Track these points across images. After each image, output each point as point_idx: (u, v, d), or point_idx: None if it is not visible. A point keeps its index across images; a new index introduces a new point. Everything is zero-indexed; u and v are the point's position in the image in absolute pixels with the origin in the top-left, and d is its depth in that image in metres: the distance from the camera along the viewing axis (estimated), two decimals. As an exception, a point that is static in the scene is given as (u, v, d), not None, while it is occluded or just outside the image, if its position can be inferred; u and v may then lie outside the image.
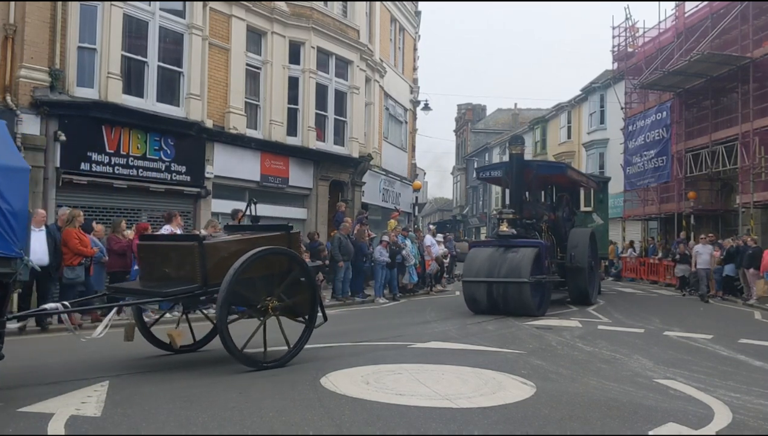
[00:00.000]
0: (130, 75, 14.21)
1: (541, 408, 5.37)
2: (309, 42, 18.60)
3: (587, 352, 8.61)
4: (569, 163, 34.16)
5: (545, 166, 16.75)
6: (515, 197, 13.97)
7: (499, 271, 12.56)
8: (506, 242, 13.26)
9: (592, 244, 15.87)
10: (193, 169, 15.39)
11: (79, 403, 5.26)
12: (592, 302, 15.24)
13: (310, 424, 4.79)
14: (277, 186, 18.04)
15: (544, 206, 15.79)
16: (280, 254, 7.15)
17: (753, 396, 6.06)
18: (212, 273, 6.66)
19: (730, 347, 9.27)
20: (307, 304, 7.51)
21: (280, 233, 7.54)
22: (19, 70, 12.38)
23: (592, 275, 15.86)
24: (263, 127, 17.80)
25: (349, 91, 20.38)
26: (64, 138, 12.73)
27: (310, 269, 7.52)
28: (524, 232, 13.53)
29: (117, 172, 13.72)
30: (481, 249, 13.73)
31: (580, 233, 15.71)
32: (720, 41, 22.15)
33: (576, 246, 15.01)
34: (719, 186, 24.53)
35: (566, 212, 16.51)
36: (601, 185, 20.03)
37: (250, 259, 6.61)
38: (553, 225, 15.47)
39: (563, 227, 15.93)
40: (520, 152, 14.35)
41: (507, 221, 13.46)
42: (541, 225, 14.45)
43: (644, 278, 25.37)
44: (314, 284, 7.56)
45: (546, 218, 14.93)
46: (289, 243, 7.46)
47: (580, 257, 14.82)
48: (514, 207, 13.79)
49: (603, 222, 19.58)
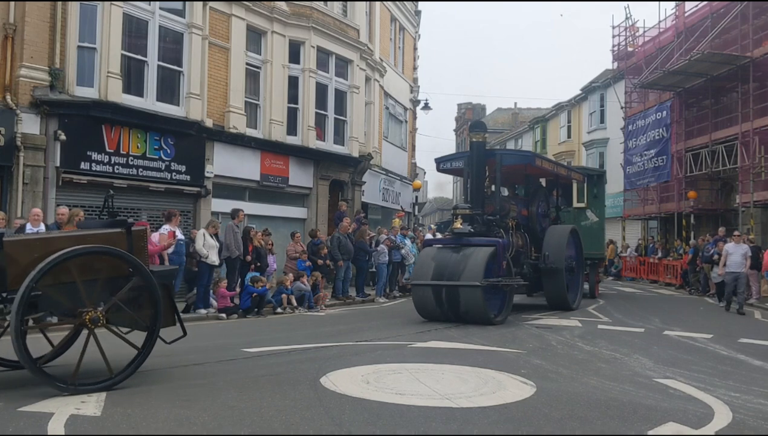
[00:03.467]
0: (130, 74, 14.21)
1: (541, 408, 5.37)
2: (309, 41, 18.59)
3: (587, 351, 8.61)
4: (569, 162, 34.20)
5: (510, 156, 14.56)
6: (475, 190, 12.35)
7: (450, 273, 11.15)
8: (461, 240, 11.87)
9: (574, 242, 14.61)
10: (192, 168, 15.39)
11: (79, 402, 5.26)
12: (573, 307, 13.75)
13: (309, 423, 4.79)
14: (277, 185, 18.04)
15: (515, 200, 14.24)
16: (106, 254, 5.86)
17: (753, 395, 6.06)
18: (18, 276, 5.50)
19: (730, 346, 9.28)
20: (157, 316, 6.14)
21: (116, 231, 6.14)
22: (19, 70, 12.38)
23: (574, 278, 14.50)
24: (263, 127, 17.80)
25: (349, 91, 20.38)
26: (64, 137, 12.73)
27: (149, 274, 6.05)
28: (486, 229, 12.02)
29: (117, 171, 13.72)
30: (434, 249, 12.30)
31: (557, 231, 14.21)
32: (720, 41, 22.16)
33: (551, 245, 13.60)
34: (719, 186, 24.55)
35: (542, 208, 14.73)
36: (594, 178, 18.56)
37: (54, 261, 5.49)
38: (526, 222, 14.08)
39: (539, 224, 14.38)
40: (482, 140, 12.66)
41: (462, 217, 12.03)
42: (507, 221, 12.90)
43: (644, 277, 25.41)
44: (155, 292, 6.08)
45: (514, 213, 13.38)
46: (129, 243, 6.09)
47: (556, 257, 13.39)
48: (474, 201, 12.24)
49: (598, 219, 18.15)
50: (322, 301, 14.30)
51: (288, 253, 14.98)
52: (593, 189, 18.06)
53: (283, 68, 18.12)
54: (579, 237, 14.96)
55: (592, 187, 17.97)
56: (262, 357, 7.73)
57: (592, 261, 17.45)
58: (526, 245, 13.59)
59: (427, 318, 11.46)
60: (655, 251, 25.47)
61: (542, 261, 13.46)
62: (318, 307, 13.97)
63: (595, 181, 18.49)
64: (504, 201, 13.36)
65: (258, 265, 13.52)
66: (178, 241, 11.94)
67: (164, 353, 7.80)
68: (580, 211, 17.70)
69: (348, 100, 20.37)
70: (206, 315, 12.30)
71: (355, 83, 20.49)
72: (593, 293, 17.55)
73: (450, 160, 14.41)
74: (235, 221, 13.36)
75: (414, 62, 30.34)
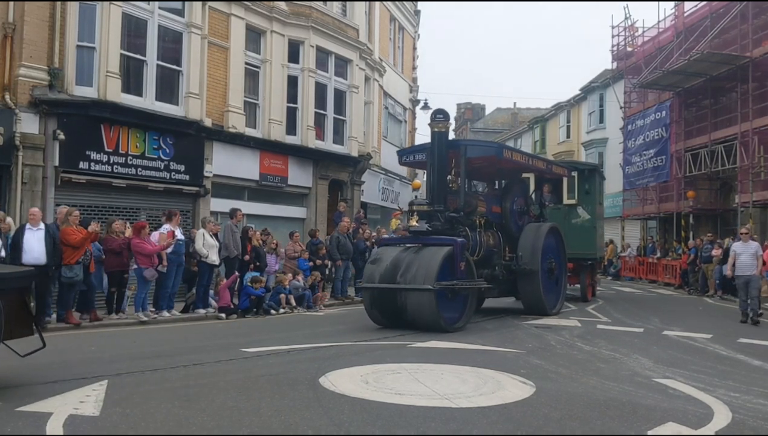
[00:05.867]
0: (129, 74, 14.18)
1: (540, 408, 5.36)
2: (308, 41, 18.58)
3: (586, 351, 8.61)
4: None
5: (475, 147, 12.82)
6: (437, 185, 11.39)
7: (403, 275, 10.18)
8: (417, 239, 10.96)
9: (555, 242, 13.59)
10: (192, 168, 15.36)
11: (78, 402, 5.25)
12: (550, 312, 12.63)
13: (308, 423, 4.78)
14: (276, 185, 18.03)
15: (484, 196, 13.16)
16: None
17: (752, 396, 6.05)
18: None
19: (730, 346, 9.27)
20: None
21: None
22: (18, 69, 12.35)
23: (553, 281, 13.31)
24: (262, 126, 17.78)
25: (349, 90, 20.37)
26: (62, 137, 12.71)
27: None
28: (449, 227, 11.08)
29: (116, 171, 13.70)
30: (388, 249, 11.25)
31: (534, 230, 13.11)
32: (719, 41, 22.16)
33: (526, 245, 12.64)
34: (718, 185, 24.56)
35: (519, 204, 13.55)
36: (585, 173, 17.12)
37: None
38: (499, 219, 13.02)
39: (513, 222, 13.26)
40: (444, 130, 11.63)
41: (419, 214, 11.00)
42: (473, 219, 11.88)
43: (643, 277, 25.42)
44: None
45: (483, 210, 12.31)
46: None
47: (531, 258, 12.44)
48: (435, 197, 11.27)
49: (590, 217, 16.76)
50: (321, 301, 14.30)
51: (287, 252, 14.97)
52: (584, 184, 16.83)
53: (282, 68, 18.10)
54: (561, 236, 13.96)
55: (583, 182, 16.79)
56: (261, 357, 7.72)
57: (584, 262, 16.51)
58: (499, 245, 12.65)
59: (379, 324, 10.57)
60: (654, 250, 25.48)
61: (515, 262, 12.58)
62: (317, 307, 13.97)
63: (586, 176, 17.10)
64: (470, 197, 12.28)
65: (257, 264, 13.52)
66: (177, 241, 11.94)
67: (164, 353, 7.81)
68: (571, 208, 16.65)
69: (347, 99, 20.36)
70: (205, 315, 12.30)
71: (355, 83, 20.48)
72: (585, 296, 16.44)
73: (412, 152, 13.50)
74: (234, 221, 13.36)
75: (413, 62, 30.34)
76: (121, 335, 9.86)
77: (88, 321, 10.69)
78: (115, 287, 11.29)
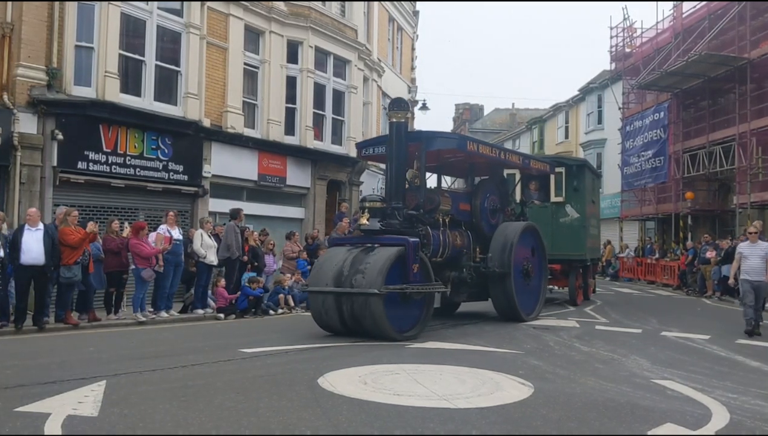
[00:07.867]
0: (127, 74, 14.18)
1: (538, 408, 5.37)
2: (307, 41, 18.59)
3: (585, 352, 8.61)
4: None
5: (436, 139, 11.48)
6: (394, 180, 10.41)
7: (351, 278, 9.20)
8: (368, 239, 10.01)
9: (532, 242, 12.64)
10: (190, 168, 15.36)
11: (76, 403, 5.24)
12: (525, 318, 11.72)
13: (307, 424, 4.78)
14: (275, 185, 18.03)
15: (450, 193, 12.22)
16: None
17: (750, 396, 6.06)
18: None
19: (728, 347, 9.28)
20: None
21: None
22: (17, 69, 12.35)
23: (529, 285, 12.30)
24: (261, 127, 17.79)
25: (347, 91, 20.38)
26: (61, 137, 12.71)
27: None
28: (408, 226, 10.11)
29: (114, 171, 13.70)
30: (337, 249, 10.20)
31: (507, 229, 12.06)
32: (718, 42, 22.21)
33: (497, 246, 11.65)
34: (716, 186, 24.61)
35: (491, 202, 12.53)
36: (573, 169, 15.92)
37: None
38: (468, 218, 12.04)
39: (485, 221, 12.25)
40: (403, 121, 10.64)
41: (370, 212, 9.99)
42: (436, 217, 10.92)
43: (641, 278, 25.45)
44: None
45: (447, 207, 11.35)
46: None
47: (501, 259, 11.43)
48: (392, 193, 10.31)
49: (579, 215, 15.56)
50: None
51: (285, 253, 14.97)
52: (572, 181, 15.69)
53: (281, 68, 18.11)
54: (539, 236, 12.94)
55: (571, 179, 15.67)
56: (260, 357, 7.72)
57: (573, 263, 15.68)
58: (467, 245, 11.68)
59: (329, 331, 9.68)
60: (653, 251, 25.51)
61: (483, 264, 11.57)
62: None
63: (575, 172, 15.86)
64: (432, 193, 11.42)
65: (255, 265, 13.51)
66: (175, 241, 11.93)
67: (162, 354, 7.80)
68: (559, 206, 15.64)
69: (346, 100, 20.37)
70: (204, 315, 12.30)
71: (353, 83, 20.49)
72: (574, 299, 15.51)
73: (372, 145, 12.44)
74: (236, 221, 13.33)
75: (412, 62, 30.32)
76: (120, 335, 9.86)
77: (87, 321, 10.69)
78: (113, 287, 11.29)
